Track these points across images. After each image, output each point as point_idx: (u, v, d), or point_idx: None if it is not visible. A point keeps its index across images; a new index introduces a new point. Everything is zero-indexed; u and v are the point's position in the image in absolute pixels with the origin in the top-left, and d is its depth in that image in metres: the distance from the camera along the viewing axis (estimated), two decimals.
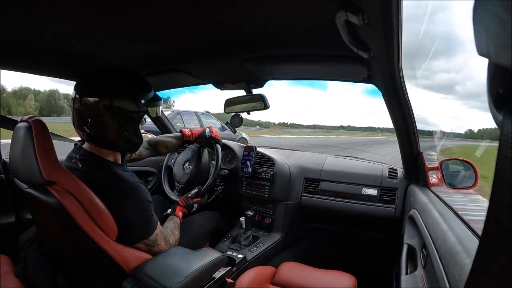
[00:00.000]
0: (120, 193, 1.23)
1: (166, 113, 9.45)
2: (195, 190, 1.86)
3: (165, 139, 1.94)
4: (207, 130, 2.05)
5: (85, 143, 1.34)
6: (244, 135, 10.87)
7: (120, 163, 1.39)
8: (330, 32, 0.97)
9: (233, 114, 2.00)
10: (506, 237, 0.26)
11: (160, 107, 1.43)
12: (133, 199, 1.25)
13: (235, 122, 2.01)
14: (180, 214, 1.68)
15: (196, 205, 1.83)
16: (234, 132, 2.06)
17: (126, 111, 1.28)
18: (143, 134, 2.25)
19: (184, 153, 2.17)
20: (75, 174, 1.18)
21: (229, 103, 1.94)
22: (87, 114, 1.24)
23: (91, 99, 1.23)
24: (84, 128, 1.25)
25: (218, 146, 2.07)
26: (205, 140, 2.05)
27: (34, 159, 1.06)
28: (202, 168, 2.06)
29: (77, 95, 1.24)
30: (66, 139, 1.72)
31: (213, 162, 2.10)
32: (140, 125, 1.39)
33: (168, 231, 1.45)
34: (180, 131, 2.03)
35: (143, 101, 1.32)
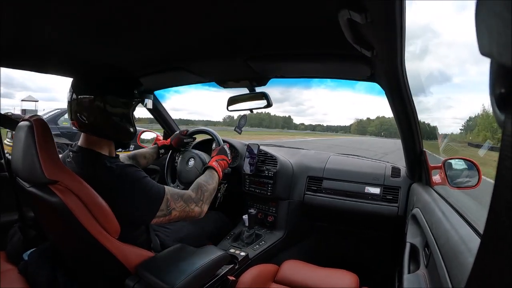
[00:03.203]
0: (110, 183, 1.22)
1: (48, 112, 9.30)
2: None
3: (142, 151, 1.98)
4: (177, 132, 2.15)
5: (79, 140, 1.35)
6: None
7: (114, 155, 1.40)
8: (333, 30, 0.97)
9: (241, 116, 2.02)
10: (508, 237, 0.26)
11: (150, 100, 1.45)
12: (124, 183, 1.24)
13: (241, 123, 2.02)
14: (215, 164, 1.65)
15: (229, 153, 1.84)
16: (240, 132, 2.05)
17: (119, 104, 1.32)
18: (148, 132, 2.26)
19: (186, 153, 2.17)
20: None
21: (232, 101, 1.94)
22: (83, 109, 1.26)
23: (86, 97, 1.26)
24: (79, 117, 1.27)
25: (190, 140, 2.19)
26: (178, 139, 2.13)
27: (36, 158, 1.07)
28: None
29: (74, 93, 1.27)
30: (66, 140, 1.73)
31: None
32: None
33: (193, 186, 1.46)
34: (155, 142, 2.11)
35: (136, 92, 1.36)
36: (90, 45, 1.32)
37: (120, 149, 1.47)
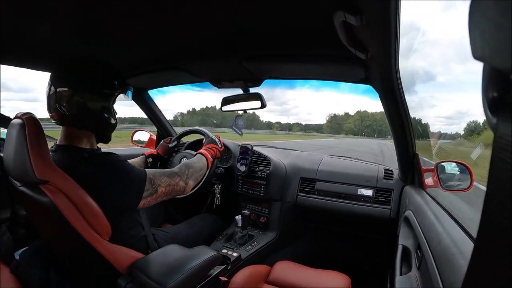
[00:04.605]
0: (91, 172, 1.21)
1: None
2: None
3: (129, 161, 1.94)
4: (161, 142, 2.21)
5: (58, 138, 1.33)
6: None
7: (95, 148, 1.38)
8: (327, 32, 0.97)
9: (236, 115, 2.02)
10: (501, 239, 0.26)
11: (131, 92, 1.48)
12: (105, 169, 1.23)
13: (240, 124, 2.02)
14: (203, 151, 1.74)
15: (219, 141, 1.92)
16: (241, 134, 2.05)
17: (99, 96, 1.32)
18: (142, 132, 2.26)
19: (176, 156, 2.18)
20: None
21: (226, 101, 1.93)
22: (63, 101, 1.25)
23: (64, 90, 1.25)
24: (58, 108, 1.26)
25: (175, 144, 2.25)
26: (163, 147, 2.19)
27: (27, 157, 1.06)
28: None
29: (52, 86, 1.26)
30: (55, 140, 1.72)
31: None
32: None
33: (179, 165, 1.52)
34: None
35: (116, 83, 1.37)
36: (86, 44, 1.31)
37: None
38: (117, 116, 1.43)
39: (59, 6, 0.94)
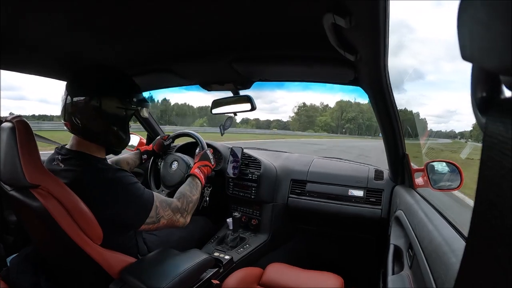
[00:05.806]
0: (102, 185, 1.20)
1: None
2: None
3: (124, 156, 1.95)
4: (158, 137, 2.18)
5: (69, 143, 1.32)
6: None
7: (104, 158, 1.37)
8: (317, 34, 0.97)
9: (227, 117, 2.03)
10: (493, 237, 0.27)
11: (147, 109, 1.43)
12: (117, 187, 1.22)
13: (227, 125, 2.02)
14: (197, 171, 1.65)
15: (212, 157, 1.85)
16: (223, 133, 2.05)
17: (115, 110, 1.29)
18: (131, 135, 2.27)
19: (169, 157, 2.17)
20: (58, 176, 1.16)
21: (216, 104, 1.93)
22: (77, 111, 1.23)
23: (81, 99, 1.22)
24: (72, 119, 1.24)
25: (170, 141, 2.22)
26: (159, 144, 2.14)
27: (18, 161, 1.04)
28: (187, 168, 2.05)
29: (68, 95, 1.24)
30: (51, 141, 1.69)
31: None
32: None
33: (178, 195, 1.46)
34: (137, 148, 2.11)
35: (135, 100, 1.34)
36: (74, 45, 1.29)
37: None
38: None
39: (54, 5, 0.93)
